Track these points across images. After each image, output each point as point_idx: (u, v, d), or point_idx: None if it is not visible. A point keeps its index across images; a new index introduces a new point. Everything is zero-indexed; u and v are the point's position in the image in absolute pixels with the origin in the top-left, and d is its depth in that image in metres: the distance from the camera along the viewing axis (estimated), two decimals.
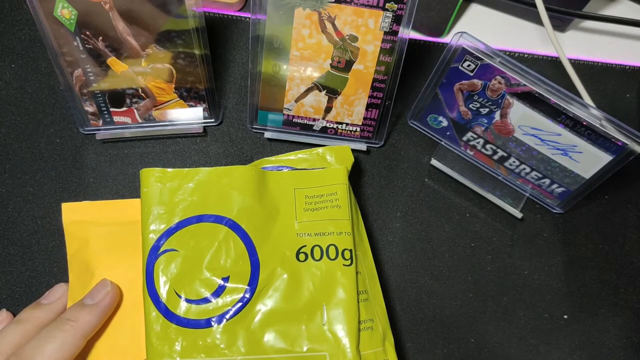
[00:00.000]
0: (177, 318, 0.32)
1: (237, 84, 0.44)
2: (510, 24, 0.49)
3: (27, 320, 0.33)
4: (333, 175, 0.36)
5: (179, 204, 0.34)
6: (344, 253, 0.34)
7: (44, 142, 0.41)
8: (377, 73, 0.38)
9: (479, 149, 0.41)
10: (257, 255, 0.34)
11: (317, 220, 0.35)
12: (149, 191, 0.34)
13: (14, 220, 0.39)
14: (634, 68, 0.47)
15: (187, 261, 0.33)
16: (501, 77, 0.36)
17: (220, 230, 0.34)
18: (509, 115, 0.37)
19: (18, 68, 0.43)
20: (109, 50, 0.36)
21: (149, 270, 0.33)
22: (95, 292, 0.34)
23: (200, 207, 0.34)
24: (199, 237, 0.34)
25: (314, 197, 0.36)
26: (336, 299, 0.33)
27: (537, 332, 0.39)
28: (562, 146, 0.37)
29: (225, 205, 0.34)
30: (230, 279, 0.33)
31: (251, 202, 0.34)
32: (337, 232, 0.34)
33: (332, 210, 0.35)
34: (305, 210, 0.35)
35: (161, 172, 0.35)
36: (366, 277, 0.35)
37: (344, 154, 0.38)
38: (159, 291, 0.33)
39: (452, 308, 0.39)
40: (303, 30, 0.36)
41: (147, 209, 0.34)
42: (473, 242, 0.41)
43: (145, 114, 0.40)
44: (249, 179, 0.35)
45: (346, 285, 0.33)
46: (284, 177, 0.36)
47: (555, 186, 0.39)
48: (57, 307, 0.35)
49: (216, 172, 0.35)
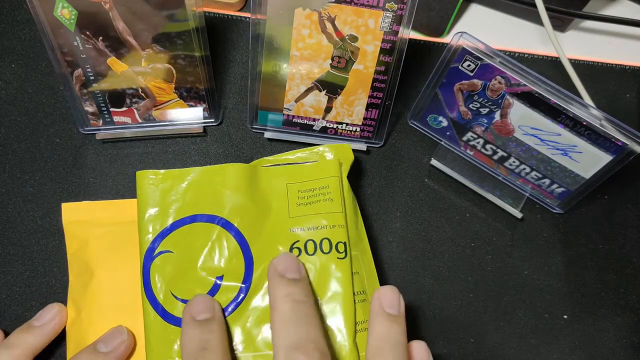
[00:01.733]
0: (174, 319, 0.32)
1: (237, 84, 0.44)
2: (510, 24, 0.49)
3: (18, 345, 0.32)
4: (325, 169, 0.36)
5: (172, 204, 0.34)
6: (337, 246, 0.34)
7: (44, 142, 0.41)
8: (377, 73, 0.38)
9: (479, 149, 0.41)
10: (251, 252, 0.34)
11: (310, 214, 0.35)
12: (143, 193, 0.35)
13: (14, 220, 0.39)
14: (634, 68, 0.47)
15: (182, 262, 0.33)
16: (501, 77, 0.36)
17: (214, 230, 0.34)
18: (509, 115, 0.37)
19: (18, 68, 0.43)
20: (109, 50, 0.36)
21: (145, 272, 0.33)
22: (110, 338, 0.33)
23: (193, 207, 0.34)
24: (192, 238, 0.34)
25: (307, 192, 0.35)
26: (331, 293, 0.33)
27: (537, 332, 0.39)
28: (562, 146, 0.37)
29: (217, 204, 0.34)
30: (225, 277, 0.33)
31: (243, 200, 0.35)
32: (330, 226, 0.34)
33: (324, 203, 0.35)
34: (298, 205, 0.35)
35: (154, 173, 0.35)
36: (364, 278, 0.35)
37: (344, 152, 0.38)
38: (156, 293, 0.33)
39: (452, 308, 0.39)
40: (303, 30, 0.36)
41: (142, 211, 0.34)
42: (473, 242, 0.41)
43: (145, 114, 0.40)
44: (241, 176, 0.35)
45: (340, 279, 0.33)
46: (276, 173, 0.36)
47: (555, 186, 0.39)
48: (49, 330, 0.34)
49: (208, 171, 0.35)
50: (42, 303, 0.37)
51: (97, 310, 0.35)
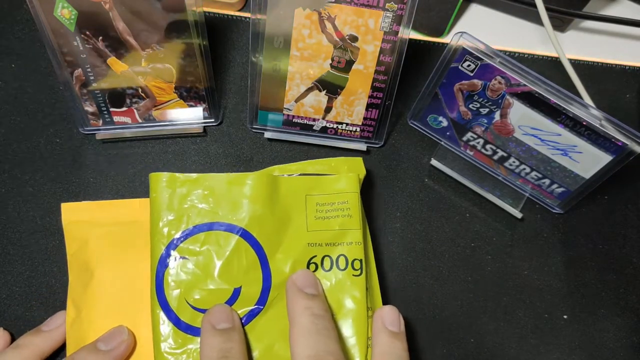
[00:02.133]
0: (188, 326, 0.32)
1: (237, 84, 0.44)
2: (510, 24, 0.49)
3: (26, 346, 0.33)
4: (345, 183, 0.36)
5: (188, 210, 0.34)
6: (353, 263, 0.34)
7: (44, 142, 0.41)
8: (377, 73, 0.38)
9: (479, 149, 0.41)
10: (269, 264, 0.33)
11: (328, 230, 0.34)
12: (158, 196, 0.34)
13: (14, 220, 0.39)
14: (634, 68, 0.47)
15: (198, 269, 0.33)
16: (501, 77, 0.36)
17: (232, 239, 0.33)
18: (509, 116, 0.37)
19: (18, 68, 0.43)
20: (109, 50, 0.36)
21: (158, 278, 0.33)
22: (110, 337, 0.33)
23: (211, 215, 0.34)
24: (210, 245, 0.33)
25: (325, 205, 0.35)
26: (345, 310, 0.33)
27: (537, 332, 0.39)
28: (562, 146, 0.37)
29: (236, 214, 0.34)
30: (243, 288, 0.33)
31: (263, 210, 0.34)
32: (348, 242, 0.34)
33: (343, 219, 0.35)
34: (317, 218, 0.35)
35: (171, 176, 0.34)
36: (372, 294, 0.35)
37: (356, 166, 0.38)
38: (169, 299, 0.32)
39: (452, 308, 0.39)
40: (303, 30, 0.36)
41: (156, 215, 0.34)
42: (473, 242, 0.41)
43: (145, 113, 0.40)
44: (261, 186, 0.34)
45: (355, 296, 0.33)
46: (296, 183, 0.36)
47: (555, 186, 0.39)
48: (56, 335, 0.34)
49: (227, 178, 0.34)
50: (42, 303, 0.37)
51: (97, 311, 0.35)
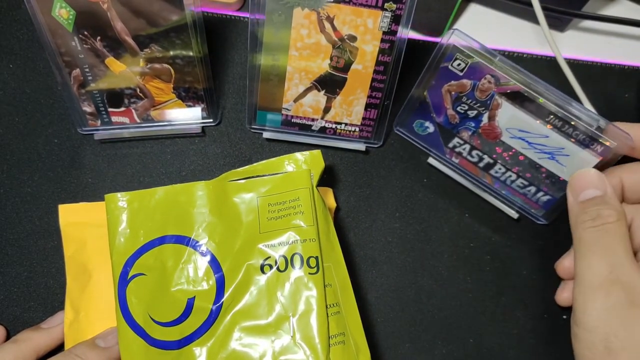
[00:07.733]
0: (154, 340, 0.32)
1: (235, 84, 0.44)
2: (510, 24, 0.49)
3: (24, 340, 0.33)
4: (295, 180, 0.35)
5: (141, 227, 0.34)
6: (309, 261, 0.33)
7: (42, 143, 0.41)
8: (376, 73, 0.38)
9: (465, 155, 0.40)
10: (222, 271, 0.33)
11: (281, 229, 0.34)
12: (112, 217, 0.34)
13: (12, 221, 0.39)
14: (632, 68, 0.47)
15: (156, 285, 0.33)
16: (491, 76, 0.35)
17: (183, 251, 0.33)
18: (497, 118, 0.37)
19: (16, 68, 0.43)
20: (107, 50, 0.36)
21: (121, 296, 0.33)
22: (109, 336, 0.34)
23: (162, 229, 0.34)
24: (163, 259, 0.33)
25: (277, 205, 0.34)
26: (303, 309, 0.32)
27: (537, 332, 0.39)
28: (549, 149, 0.36)
29: (185, 225, 0.34)
30: (197, 298, 0.33)
31: (211, 219, 0.34)
32: (302, 240, 0.33)
33: (295, 217, 0.34)
34: (269, 219, 0.34)
35: (123, 195, 0.34)
36: (338, 290, 0.34)
37: (315, 160, 0.37)
38: (135, 316, 0.32)
39: (451, 308, 0.39)
40: (302, 30, 0.36)
41: (112, 235, 0.34)
42: (472, 242, 0.41)
43: (144, 114, 0.40)
44: (207, 195, 0.34)
45: (313, 295, 0.32)
46: (245, 187, 0.35)
47: (541, 194, 0.39)
48: (56, 332, 0.35)
49: (173, 190, 0.34)
50: (40, 304, 0.37)
51: (95, 312, 0.35)
